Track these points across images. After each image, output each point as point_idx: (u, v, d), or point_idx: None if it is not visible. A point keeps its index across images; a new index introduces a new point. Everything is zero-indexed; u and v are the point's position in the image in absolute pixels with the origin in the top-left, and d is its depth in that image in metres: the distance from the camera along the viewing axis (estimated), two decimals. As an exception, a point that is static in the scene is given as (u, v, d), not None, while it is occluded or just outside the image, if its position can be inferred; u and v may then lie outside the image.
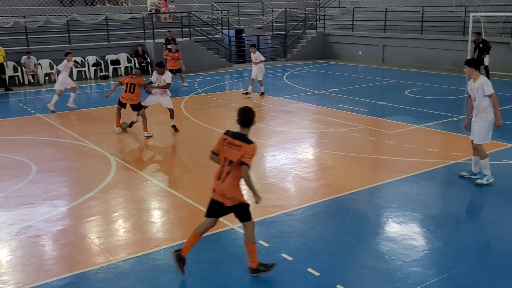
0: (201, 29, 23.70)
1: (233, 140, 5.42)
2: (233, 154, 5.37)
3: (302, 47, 26.77)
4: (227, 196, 5.42)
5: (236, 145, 5.37)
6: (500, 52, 19.71)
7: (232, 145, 5.40)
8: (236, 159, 5.33)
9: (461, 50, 20.59)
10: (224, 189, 5.40)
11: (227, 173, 5.40)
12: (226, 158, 5.41)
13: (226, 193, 5.40)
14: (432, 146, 10.34)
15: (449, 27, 21.91)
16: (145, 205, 7.67)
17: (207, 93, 17.10)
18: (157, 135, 11.94)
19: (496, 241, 6.27)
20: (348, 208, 7.37)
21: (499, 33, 20.14)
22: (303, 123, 12.83)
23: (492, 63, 19.72)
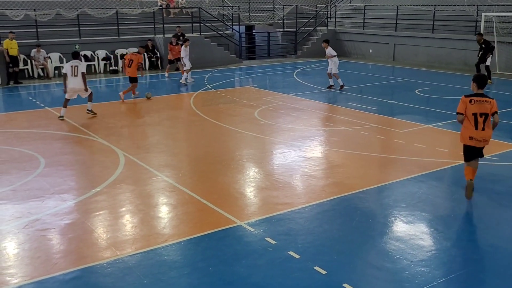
0: (212, 25, 23.69)
1: (481, 98, 7.36)
2: (485, 107, 7.30)
3: (313, 45, 26.68)
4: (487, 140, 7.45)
5: (486, 101, 7.34)
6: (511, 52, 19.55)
7: (481, 102, 7.32)
8: (489, 111, 7.32)
9: (472, 50, 20.40)
10: (485, 135, 7.37)
11: (484, 124, 7.32)
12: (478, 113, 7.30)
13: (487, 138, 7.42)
14: (441, 146, 10.27)
15: (461, 27, 21.74)
16: (153, 200, 7.68)
17: (217, 89, 17.09)
18: (166, 130, 11.96)
19: (504, 243, 6.21)
20: (356, 207, 7.33)
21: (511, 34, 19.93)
22: (312, 120, 12.79)
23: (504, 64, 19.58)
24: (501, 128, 11.26)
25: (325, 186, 8.22)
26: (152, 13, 22.67)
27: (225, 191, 7.99)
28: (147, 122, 12.70)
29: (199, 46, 22.07)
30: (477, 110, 7.29)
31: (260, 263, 5.74)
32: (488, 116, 7.33)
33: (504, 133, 10.98)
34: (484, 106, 7.30)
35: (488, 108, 7.30)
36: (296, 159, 9.60)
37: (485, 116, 7.31)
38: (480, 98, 7.35)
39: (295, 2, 27.76)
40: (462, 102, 7.42)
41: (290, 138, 11.01)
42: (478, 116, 7.29)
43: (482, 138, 7.37)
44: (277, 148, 10.40)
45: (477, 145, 7.43)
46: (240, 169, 9.11)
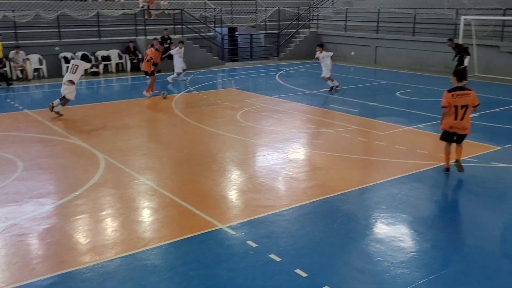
0: (194, 27, 23.61)
1: (462, 92, 8.23)
2: (466, 100, 8.20)
3: (295, 47, 26.75)
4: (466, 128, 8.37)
5: (466, 94, 8.23)
6: (490, 55, 19.82)
7: (462, 95, 8.20)
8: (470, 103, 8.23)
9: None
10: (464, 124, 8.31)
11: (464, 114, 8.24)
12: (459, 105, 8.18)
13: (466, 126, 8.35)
14: (422, 147, 10.35)
15: (441, 30, 21.96)
16: (133, 204, 7.60)
17: (199, 91, 17.02)
18: (147, 132, 11.88)
19: (483, 243, 6.28)
20: (337, 209, 7.35)
21: (490, 36, 20.22)
22: (295, 123, 12.81)
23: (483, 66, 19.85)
24: (480, 130, 11.43)
25: (307, 188, 8.22)
26: (133, 15, 22.51)
27: (206, 194, 7.95)
28: (128, 124, 12.58)
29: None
30: (458, 103, 8.25)
31: (241, 266, 5.71)
32: (468, 107, 8.28)
33: (482, 135, 11.12)
34: (465, 99, 8.27)
35: (469, 100, 8.28)
36: (278, 161, 9.60)
37: (466, 107, 8.27)
38: (461, 92, 8.30)
39: (278, 4, 27.81)
40: (445, 97, 8.32)
41: (273, 141, 11.00)
42: (459, 108, 8.26)
43: (461, 127, 8.37)
44: (259, 151, 10.39)
45: (457, 131, 8.43)
46: (222, 171, 9.07)
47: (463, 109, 8.26)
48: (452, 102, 8.27)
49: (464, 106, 8.26)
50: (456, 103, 8.25)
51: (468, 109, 8.29)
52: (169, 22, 22.98)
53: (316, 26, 27.94)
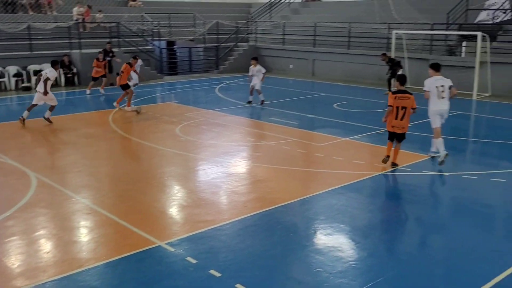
0: (131, 40, 23.26)
1: (403, 95, 9.46)
2: (406, 102, 9.42)
3: (234, 60, 26.91)
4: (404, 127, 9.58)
5: (406, 97, 9.46)
6: (421, 68, 20.71)
7: (403, 98, 9.43)
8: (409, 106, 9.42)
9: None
10: (403, 124, 9.52)
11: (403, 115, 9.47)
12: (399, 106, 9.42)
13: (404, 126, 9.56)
14: (358, 158, 10.64)
15: (374, 43, 22.77)
16: (68, 223, 7.33)
17: (137, 106, 16.71)
18: (84, 149, 11.52)
19: (417, 250, 6.51)
20: (277, 221, 7.40)
21: (419, 50, 21.18)
22: (235, 136, 12.83)
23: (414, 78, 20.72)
24: (413, 140, 11.88)
25: (247, 201, 8.23)
26: (67, 28, 21.89)
27: (145, 211, 7.79)
28: (63, 141, 12.16)
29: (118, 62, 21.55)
30: (399, 104, 9.50)
31: (181, 283, 5.63)
32: (407, 109, 9.49)
33: (415, 145, 11.56)
34: (405, 101, 9.51)
35: (408, 103, 9.51)
36: (218, 175, 9.57)
37: (405, 109, 9.47)
38: (403, 95, 9.55)
39: (216, 18, 27.92)
40: (390, 97, 9.63)
41: (213, 154, 10.96)
42: (399, 109, 9.48)
43: (400, 126, 9.61)
44: (199, 165, 10.32)
45: (397, 131, 9.65)
46: (161, 187, 8.93)
47: (402, 110, 9.49)
48: (395, 103, 9.50)
49: (403, 108, 9.48)
50: (397, 104, 9.49)
51: (407, 110, 9.51)
52: (105, 35, 22.53)
53: (255, 40, 28.25)
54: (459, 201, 8.49)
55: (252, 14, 31.37)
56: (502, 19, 20.64)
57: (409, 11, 22.59)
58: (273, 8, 30.30)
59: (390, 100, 9.60)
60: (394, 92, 9.82)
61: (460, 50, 20.60)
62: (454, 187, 9.13)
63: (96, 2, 25.88)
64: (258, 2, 32.70)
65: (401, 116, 9.52)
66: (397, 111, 9.51)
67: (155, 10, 27.08)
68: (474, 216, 7.68)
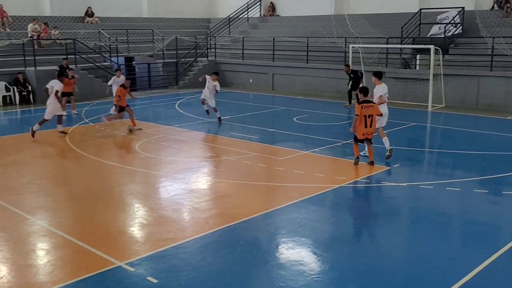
0: (88, 57, 22.93)
1: (367, 104, 10.58)
2: (371, 111, 10.57)
3: (194, 75, 26.80)
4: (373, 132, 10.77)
5: (371, 105, 10.63)
6: (378, 80, 21.22)
7: (368, 107, 10.55)
8: (374, 113, 10.63)
9: (343, 79, 21.87)
10: (372, 130, 10.70)
11: (371, 122, 10.60)
12: (366, 115, 10.52)
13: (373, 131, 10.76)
14: (319, 171, 10.75)
15: (332, 57, 23.22)
16: (23, 246, 7.09)
17: (95, 123, 16.45)
18: (40, 169, 11.23)
19: (377, 261, 6.60)
20: (239, 237, 7.37)
21: (376, 63, 21.70)
22: (195, 152, 12.77)
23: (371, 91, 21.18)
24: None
25: (208, 218, 8.18)
26: (21, 45, 21.38)
27: (104, 230, 7.63)
28: (17, 161, 11.80)
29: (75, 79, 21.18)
30: (366, 113, 10.56)
31: (141, 304, 5.52)
32: (373, 116, 10.66)
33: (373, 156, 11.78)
34: (370, 110, 10.64)
35: (373, 111, 10.68)
36: (179, 192, 9.48)
37: (371, 116, 10.63)
38: (367, 104, 10.70)
39: (175, 33, 27.87)
40: (357, 107, 10.65)
41: (173, 171, 10.87)
42: (367, 117, 10.57)
43: (370, 132, 10.76)
44: (160, 182, 10.21)
45: (368, 137, 10.85)
46: (120, 206, 8.78)
47: (369, 118, 10.60)
48: (362, 112, 10.53)
49: (370, 116, 10.60)
50: (364, 113, 10.54)
51: (373, 117, 10.65)
52: (61, 52, 22.13)
53: (214, 55, 28.32)
54: (416, 211, 8.69)
55: (211, 29, 31.49)
56: (453, 32, 21.44)
57: (365, 26, 23.19)
58: (232, 23, 30.51)
59: (357, 110, 10.57)
60: (360, 102, 10.78)
61: (415, 63, 21.23)
62: (412, 197, 9.33)
63: (52, 18, 25.47)
64: (217, 17, 32.89)
65: (369, 123, 10.62)
66: (365, 120, 10.56)
67: (112, 26, 26.85)
68: (431, 225, 7.86)
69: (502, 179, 10.26)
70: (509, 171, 10.66)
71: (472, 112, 18.23)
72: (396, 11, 24.51)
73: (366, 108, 10.60)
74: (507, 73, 18.48)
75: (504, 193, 9.53)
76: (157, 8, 30.79)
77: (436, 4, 23.49)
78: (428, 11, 22.84)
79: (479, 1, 22.57)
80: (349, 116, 17.69)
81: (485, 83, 18.93)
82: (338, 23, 24.41)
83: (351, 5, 26.59)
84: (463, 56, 20.37)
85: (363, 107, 10.58)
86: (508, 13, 21.16)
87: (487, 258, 6.60)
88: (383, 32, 22.38)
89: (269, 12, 31.05)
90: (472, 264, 6.42)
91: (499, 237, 7.46)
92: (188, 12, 32.04)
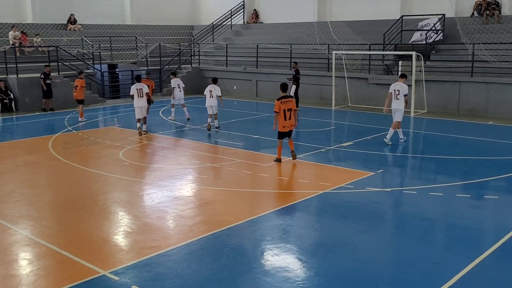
0: (71, 64, 22.76)
1: (286, 99, 11.51)
2: (290, 105, 11.50)
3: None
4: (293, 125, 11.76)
5: (289, 100, 11.57)
6: (360, 86, 21.42)
7: (287, 101, 11.49)
8: (293, 107, 11.57)
9: (326, 85, 22.04)
10: (291, 123, 11.63)
11: (290, 115, 11.53)
12: (285, 109, 11.45)
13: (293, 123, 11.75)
14: (303, 177, 10.79)
15: (315, 64, 23.36)
16: (5, 256, 6.99)
17: (78, 131, 16.32)
18: (22, 177, 11.09)
19: (361, 266, 6.63)
20: (224, 244, 7.36)
21: (359, 70, 21.90)
22: (179, 159, 12.73)
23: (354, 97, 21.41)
24: (354, 157, 12.22)
25: (193, 225, 8.16)
26: (3, 52, 21.15)
27: (87, 239, 7.56)
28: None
29: (58, 86, 21.04)
30: (285, 107, 11.44)
31: (126, 314, 5.47)
32: (292, 110, 11.53)
33: (357, 162, 11.89)
34: (289, 104, 11.53)
35: (292, 105, 11.57)
36: (163, 199, 9.44)
37: (290, 110, 11.50)
38: (286, 99, 11.55)
39: (158, 40, 27.81)
40: (276, 104, 11.46)
41: (157, 178, 10.82)
42: (286, 111, 11.42)
43: (290, 124, 11.60)
44: (144, 190, 10.15)
45: (287, 129, 11.62)
46: (104, 214, 8.71)
47: (289, 111, 11.48)
48: (282, 107, 11.39)
49: (289, 109, 11.48)
50: (284, 107, 11.42)
51: (292, 111, 11.53)
52: (44, 60, 21.94)
53: (198, 62, 28.31)
54: (400, 216, 8.76)
55: (195, 36, 31.49)
56: (434, 39, 21.73)
57: (347, 33, 23.39)
58: (215, 30, 30.55)
59: (277, 106, 11.45)
60: (279, 98, 11.59)
61: (397, 69, 21.44)
62: (396, 202, 9.41)
63: (34, 25, 25.27)
64: (201, 24, 32.92)
65: (288, 116, 11.49)
66: (284, 113, 11.42)
67: (95, 34, 26.73)
68: (415, 230, 7.94)
69: (484, 183, 10.41)
70: (491, 176, 10.82)
71: (454, 118, 18.48)
72: (378, 18, 24.79)
73: (285, 103, 11.46)
74: (487, 79, 18.78)
75: (486, 197, 9.66)
76: (140, 15, 30.74)
77: (418, 11, 23.81)
78: (410, 18, 23.14)
79: (459, 8, 22.92)
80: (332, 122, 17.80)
81: (466, 88, 19.20)
82: (321, 30, 24.58)
83: (334, 12, 26.80)
84: (444, 62, 20.66)
85: (282, 102, 11.43)
86: (488, 20, 21.52)
87: (471, 262, 6.68)
88: (365, 38, 22.59)
89: (252, 19, 31.16)
90: (456, 268, 6.50)
91: (482, 241, 7.56)
92: (172, 19, 32.04)
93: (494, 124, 17.10)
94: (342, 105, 21.22)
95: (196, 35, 31.58)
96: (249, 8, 31.32)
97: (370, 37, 22.66)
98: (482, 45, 19.18)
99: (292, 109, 11.56)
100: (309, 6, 26.03)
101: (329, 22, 24.53)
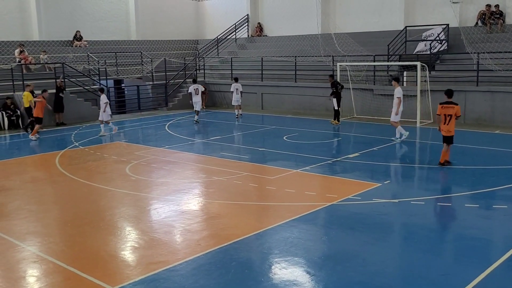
0: (77, 80, 22.93)
1: (448, 105, 11.99)
2: (450, 111, 11.95)
3: (184, 96, 26.86)
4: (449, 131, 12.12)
5: (451, 106, 12.00)
6: (366, 98, 21.42)
7: (448, 107, 11.97)
8: (453, 113, 11.98)
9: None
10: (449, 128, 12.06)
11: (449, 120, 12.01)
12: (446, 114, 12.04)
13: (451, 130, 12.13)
14: (310, 189, 10.76)
15: (320, 75, 23.40)
16: (13, 274, 7.00)
17: (85, 146, 16.39)
18: (29, 194, 11.13)
19: (370, 279, 6.58)
20: (231, 258, 7.33)
21: (364, 81, 21.91)
22: (186, 173, 12.73)
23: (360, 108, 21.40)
24: (361, 169, 12.18)
25: (201, 239, 8.13)
26: (10, 70, 21.34)
27: (95, 255, 7.55)
28: (5, 186, 11.69)
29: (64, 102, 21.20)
30: (445, 112, 11.99)
31: (134, 330, 5.44)
32: (452, 116, 12.00)
33: (364, 173, 11.84)
34: (449, 110, 11.95)
35: (452, 111, 11.94)
36: (170, 214, 9.43)
37: (451, 116, 12.01)
38: (447, 105, 12.01)
39: (163, 55, 28.00)
40: (438, 107, 12.25)
41: (164, 193, 10.82)
42: (446, 116, 12.05)
43: (446, 130, 12.07)
44: (151, 204, 10.15)
45: (443, 134, 12.21)
46: (111, 229, 8.70)
47: (449, 117, 11.96)
48: (442, 111, 12.06)
49: (449, 115, 11.98)
50: (444, 112, 12.04)
51: (452, 117, 11.95)
52: (50, 76, 22.13)
53: (203, 76, 28.44)
54: (408, 227, 8.70)
55: (200, 51, 31.67)
56: (438, 49, 21.75)
57: (352, 44, 23.44)
58: (220, 44, 30.72)
59: (438, 110, 12.33)
60: (440, 102, 12.33)
61: (402, 79, 21.44)
62: (404, 214, 9.35)
63: (40, 43, 25.52)
64: (205, 38, 33.13)
65: (447, 121, 12.08)
66: (444, 118, 12.10)
67: (101, 49, 26.95)
68: (423, 241, 7.87)
69: (492, 193, 10.33)
70: (499, 185, 10.74)
71: (460, 127, 18.34)
72: (382, 29, 24.87)
73: (445, 108, 12.07)
74: (492, 88, 18.74)
75: (494, 207, 9.58)
76: (145, 30, 31.00)
77: (421, 22, 23.86)
78: (414, 28, 23.18)
79: (463, 17, 22.95)
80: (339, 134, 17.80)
81: (471, 98, 19.15)
82: (325, 42, 24.67)
83: (338, 24, 26.90)
84: (449, 72, 20.64)
85: (442, 107, 12.18)
86: (492, 29, 21.53)
87: (481, 273, 6.61)
88: (370, 50, 22.64)
89: (256, 32, 31.33)
90: (466, 280, 6.43)
91: (492, 251, 7.49)
92: (177, 34, 32.28)
93: (501, 133, 17.03)
94: (348, 116, 21.20)
95: (201, 49, 31.76)
96: (253, 21, 31.51)
97: (374, 48, 22.71)
98: (487, 54, 19.17)
99: (452, 115, 11.95)
100: (313, 19, 26.14)
101: (333, 34, 24.62)
